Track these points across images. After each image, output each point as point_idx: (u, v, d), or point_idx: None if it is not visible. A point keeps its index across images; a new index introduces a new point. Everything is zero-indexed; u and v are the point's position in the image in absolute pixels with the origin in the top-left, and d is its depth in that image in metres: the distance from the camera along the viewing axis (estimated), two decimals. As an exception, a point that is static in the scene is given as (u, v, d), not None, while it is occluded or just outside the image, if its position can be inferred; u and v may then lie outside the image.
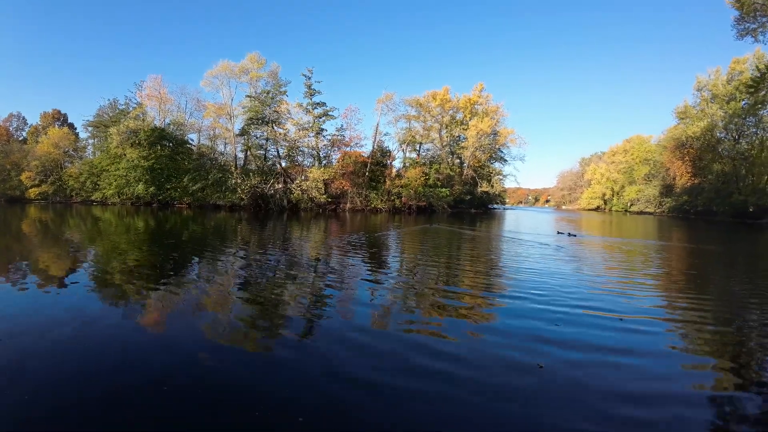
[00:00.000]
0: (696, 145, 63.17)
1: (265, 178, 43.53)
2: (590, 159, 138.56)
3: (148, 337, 5.04)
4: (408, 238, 19.43)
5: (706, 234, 28.30)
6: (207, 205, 46.26)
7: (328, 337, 5.05)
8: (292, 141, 46.39)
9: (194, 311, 6.13)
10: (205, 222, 26.35)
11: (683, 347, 5.14)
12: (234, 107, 51.56)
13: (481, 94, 67.89)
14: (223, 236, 18.09)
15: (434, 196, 53.07)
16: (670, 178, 75.79)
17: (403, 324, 5.67)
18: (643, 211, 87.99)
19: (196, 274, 9.09)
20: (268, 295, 7.14)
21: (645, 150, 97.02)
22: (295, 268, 9.82)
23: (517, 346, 4.86)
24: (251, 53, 51.13)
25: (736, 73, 57.26)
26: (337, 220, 32.17)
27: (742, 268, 12.83)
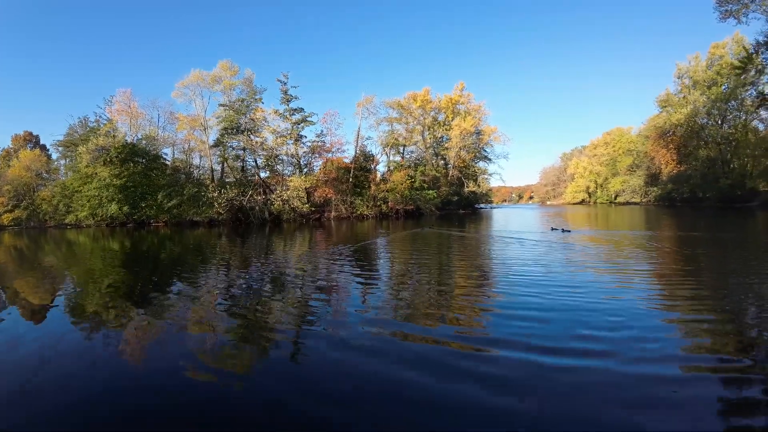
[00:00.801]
0: (680, 133, 63.18)
1: (243, 190, 41.28)
2: (572, 153, 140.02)
3: (129, 364, 4.89)
4: (398, 245, 18.18)
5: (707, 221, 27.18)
6: (184, 222, 43.86)
7: (316, 356, 4.83)
8: (270, 149, 44.17)
9: (176, 335, 5.87)
10: (183, 240, 25.33)
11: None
12: (208, 118, 49.84)
13: (463, 93, 67.04)
14: (202, 254, 17.28)
15: (421, 199, 51.46)
16: (655, 167, 75.91)
17: (394, 341, 5.21)
18: (629, 201, 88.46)
19: (176, 295, 8.61)
20: (253, 315, 6.77)
21: (627, 141, 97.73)
22: (279, 285, 9.26)
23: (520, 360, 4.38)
24: (222, 61, 49.36)
25: (716, 58, 57.27)
26: (321, 230, 30.49)
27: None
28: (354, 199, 46.31)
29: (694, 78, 60.57)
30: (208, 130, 50.40)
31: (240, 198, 40.13)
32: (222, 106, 47.54)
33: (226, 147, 48.01)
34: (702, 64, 59.84)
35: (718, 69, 56.32)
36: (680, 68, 62.87)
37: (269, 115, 44.06)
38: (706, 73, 58.73)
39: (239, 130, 43.77)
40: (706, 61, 59.19)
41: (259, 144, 43.38)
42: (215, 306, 7.48)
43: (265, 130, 42.74)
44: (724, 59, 55.53)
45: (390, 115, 58.80)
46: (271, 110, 44.26)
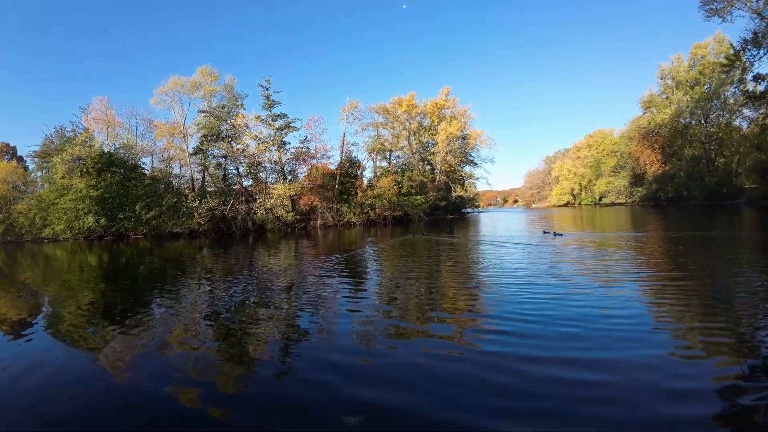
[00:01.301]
0: (664, 133, 63.83)
1: (224, 200, 39.69)
2: (555, 156, 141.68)
3: (109, 383, 4.73)
4: (387, 254, 17.28)
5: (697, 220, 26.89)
6: (164, 234, 42.00)
7: (304, 374, 4.64)
8: (252, 157, 42.67)
9: (158, 352, 5.69)
10: (162, 253, 24.52)
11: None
12: (188, 126, 48.09)
13: (448, 98, 66.55)
14: (182, 267, 16.61)
15: (409, 205, 50.45)
16: (640, 167, 76.59)
17: (384, 357, 5.04)
18: (614, 202, 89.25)
19: (157, 312, 8.35)
20: (238, 330, 6.54)
21: (611, 143, 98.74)
22: (264, 300, 8.82)
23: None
24: (202, 66, 47.92)
25: (698, 58, 58.03)
26: (307, 239, 29.35)
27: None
28: (340, 207, 44.99)
29: (676, 78, 61.26)
30: (187, 138, 48.81)
31: (221, 207, 38.50)
32: (201, 113, 46.01)
33: (206, 155, 46.46)
34: (684, 65, 60.59)
35: (701, 69, 57.08)
36: (663, 69, 63.59)
37: (251, 122, 42.59)
38: (688, 73, 59.48)
39: (220, 137, 42.21)
40: (689, 62, 59.96)
41: (240, 151, 41.84)
42: (198, 322, 7.17)
43: (246, 137, 41.13)
44: (706, 59, 56.31)
45: (375, 120, 57.88)
46: (252, 116, 42.76)
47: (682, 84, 60.67)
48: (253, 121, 42.65)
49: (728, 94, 54.81)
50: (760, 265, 9.73)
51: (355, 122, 53.05)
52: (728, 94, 54.81)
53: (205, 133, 44.04)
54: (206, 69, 47.70)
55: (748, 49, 32.38)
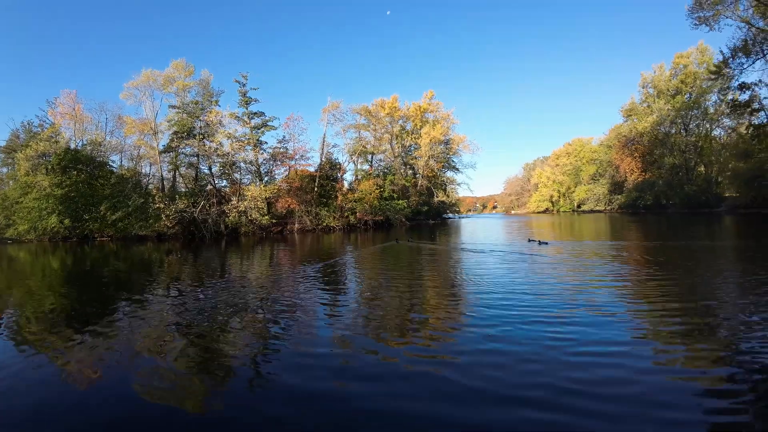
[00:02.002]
0: (645, 141, 64.31)
1: (195, 201, 37.21)
2: (534, 164, 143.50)
3: (73, 394, 4.59)
4: (369, 263, 16.19)
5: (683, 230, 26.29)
6: (131, 237, 39.32)
7: (277, 386, 4.55)
8: (226, 156, 40.20)
9: (124, 362, 5.48)
10: (129, 256, 23.37)
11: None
12: (160, 122, 45.27)
13: (431, 102, 65.57)
14: (148, 273, 15.97)
15: (391, 210, 48.81)
16: (620, 175, 77.18)
17: (361, 374, 4.77)
18: (593, 209, 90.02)
19: (122, 319, 8.01)
20: (207, 341, 6.25)
21: (590, 150, 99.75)
22: (234, 309, 8.38)
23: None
24: (176, 60, 45.18)
25: (681, 67, 58.51)
26: (283, 244, 27.71)
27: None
28: (319, 210, 42.86)
29: (658, 87, 61.73)
30: (158, 135, 46.21)
31: (191, 209, 36.02)
32: (173, 108, 43.44)
33: (177, 153, 43.83)
34: (666, 74, 61.10)
35: (683, 78, 57.56)
36: (645, 78, 64.08)
37: (225, 119, 40.06)
38: (670, 83, 59.98)
39: (191, 135, 39.70)
40: (670, 71, 60.50)
41: (213, 150, 39.35)
42: (165, 331, 6.96)
43: (219, 134, 38.63)
44: (688, 68, 56.87)
45: (358, 121, 56.20)
46: (227, 113, 40.24)
47: (663, 93, 61.18)
48: (227, 118, 40.20)
49: (709, 103, 55.54)
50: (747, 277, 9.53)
51: (337, 123, 51.29)
52: (709, 104, 55.53)
53: (176, 130, 41.47)
54: (180, 63, 44.95)
55: (737, 57, 32.19)
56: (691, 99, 56.37)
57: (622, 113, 70.48)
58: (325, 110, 48.09)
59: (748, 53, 31.52)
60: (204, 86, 44.56)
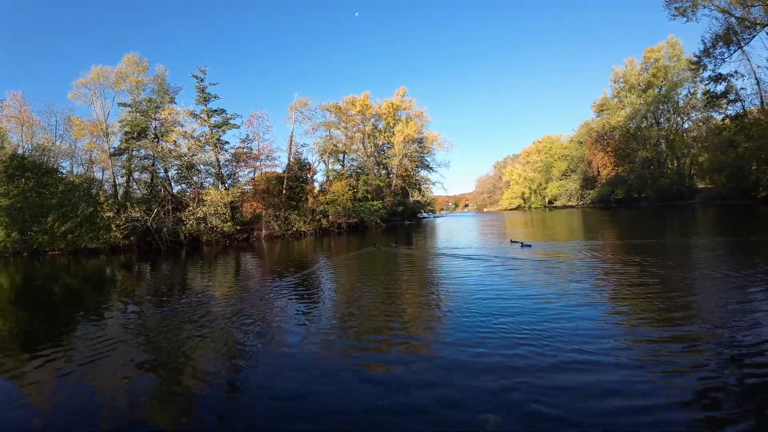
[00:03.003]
0: (617, 135, 64.61)
1: (149, 208, 33.64)
2: (505, 162, 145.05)
3: (28, 423, 4.37)
4: (345, 272, 14.93)
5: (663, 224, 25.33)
6: (83, 250, 35.72)
7: (244, 412, 4.31)
8: (183, 157, 36.64)
9: (82, 384, 5.30)
10: (79, 272, 22.18)
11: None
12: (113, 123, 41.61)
13: (404, 99, 63.48)
14: (100, 289, 15.22)
15: (366, 211, 46.29)
16: (592, 170, 77.60)
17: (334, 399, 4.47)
18: (565, 205, 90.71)
19: (78, 340, 7.60)
20: (170, 362, 6.00)
21: (562, 147, 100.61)
22: (196, 328, 7.73)
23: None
24: (129, 54, 41.55)
25: (651, 61, 58.70)
26: (250, 253, 25.98)
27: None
28: (288, 214, 39.80)
29: (629, 82, 61.94)
30: (110, 138, 42.48)
31: (144, 218, 32.45)
32: (124, 107, 39.73)
33: (131, 156, 40.10)
34: (637, 68, 61.35)
35: (654, 72, 57.78)
36: (617, 72, 64.20)
37: (181, 115, 36.48)
38: (641, 77, 60.23)
39: (145, 135, 36.01)
40: (641, 65, 60.77)
41: (167, 151, 35.72)
42: (123, 352, 6.60)
43: (174, 133, 34.98)
44: (659, 62, 57.15)
45: (328, 119, 53.41)
46: (181, 109, 36.67)
47: (634, 87, 61.45)
48: (183, 115, 36.65)
49: (680, 97, 56.10)
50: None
51: (305, 122, 48.39)
52: (679, 98, 56.08)
53: (128, 131, 37.77)
54: (133, 57, 41.44)
55: (718, 46, 31.58)
56: (663, 92, 56.70)
57: (594, 108, 70.80)
58: (293, 107, 45.17)
59: (729, 42, 31.00)
60: (159, 83, 41.27)
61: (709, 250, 13.81)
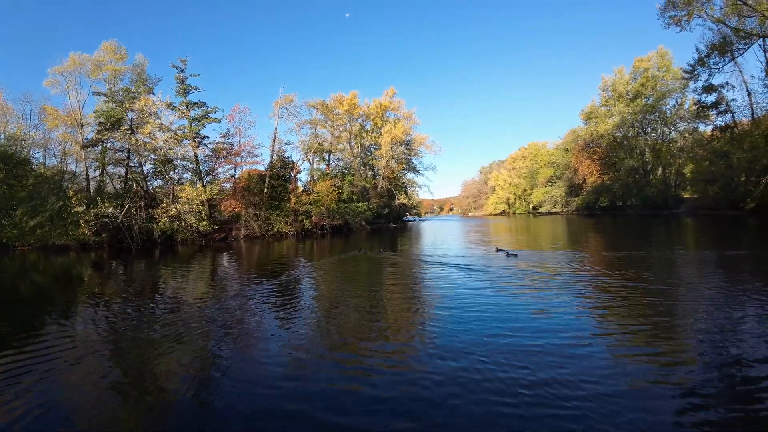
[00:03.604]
0: (604, 143, 64.79)
1: (120, 204, 31.73)
2: (490, 167, 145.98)
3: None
4: (328, 279, 13.90)
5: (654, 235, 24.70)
6: (52, 247, 33.78)
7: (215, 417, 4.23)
8: (158, 151, 34.68)
9: (51, 390, 5.11)
10: (48, 269, 21.22)
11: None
12: (89, 114, 39.68)
13: (393, 100, 62.37)
14: (69, 289, 14.55)
15: (350, 213, 45.03)
16: (578, 177, 77.83)
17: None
18: (550, 211, 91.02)
19: (44, 341, 7.28)
20: (142, 369, 5.74)
21: (548, 154, 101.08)
22: (169, 332, 7.42)
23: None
24: (107, 42, 39.66)
25: (641, 70, 58.88)
26: (227, 255, 24.48)
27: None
28: (270, 214, 38.19)
29: (618, 90, 62.12)
30: (84, 129, 40.52)
31: (115, 214, 30.56)
32: (99, 96, 37.79)
33: (105, 149, 38.14)
34: (626, 77, 61.55)
35: (643, 81, 58.01)
36: (606, 81, 64.32)
37: (159, 106, 34.47)
38: (629, 86, 60.46)
39: (118, 126, 34.03)
40: (630, 74, 60.98)
41: (142, 144, 33.76)
42: (92, 356, 6.35)
43: (149, 125, 33.08)
44: (648, 72, 57.41)
45: (314, 116, 52.01)
46: (158, 99, 34.65)
47: (623, 96, 61.68)
48: (160, 106, 34.66)
49: (667, 107, 56.50)
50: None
51: (290, 119, 47.02)
52: (667, 108, 56.49)
53: (102, 121, 35.82)
54: (112, 45, 39.61)
55: (713, 55, 31.38)
56: (651, 103, 57.01)
57: (582, 116, 70.92)
58: (277, 104, 43.72)
59: (723, 52, 30.84)
60: (138, 72, 39.44)
61: (706, 263, 13.12)
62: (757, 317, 6.80)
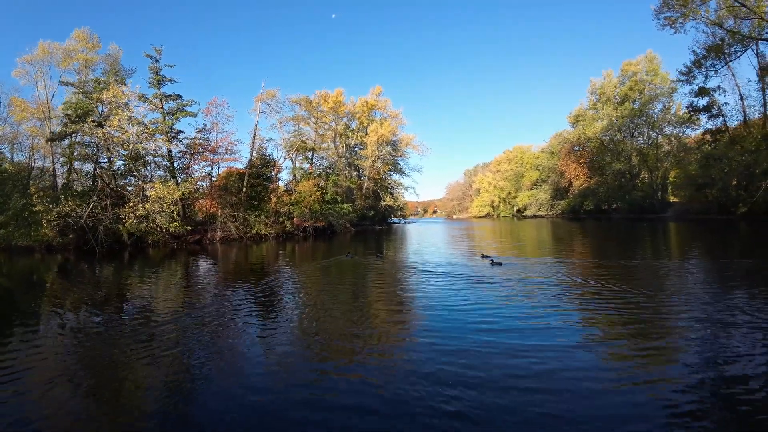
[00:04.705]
0: (591, 147, 64.63)
1: (86, 202, 29.31)
2: (475, 170, 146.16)
3: None
4: (311, 285, 12.88)
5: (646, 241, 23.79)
6: (16, 247, 31.72)
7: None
8: (127, 145, 32.07)
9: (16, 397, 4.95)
10: (12, 272, 20.49)
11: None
12: (58, 107, 37.52)
13: (379, 98, 60.95)
14: (30, 293, 13.70)
15: (334, 214, 43.33)
16: (565, 180, 77.63)
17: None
18: (535, 214, 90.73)
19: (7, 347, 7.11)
20: (104, 392, 5.21)
21: (533, 157, 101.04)
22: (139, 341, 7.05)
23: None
24: (79, 29, 37.64)
25: (629, 74, 58.74)
26: (202, 259, 22.87)
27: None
28: (248, 215, 36.10)
29: (606, 94, 61.96)
30: (52, 122, 38.36)
31: (78, 213, 28.20)
32: (67, 86, 35.43)
33: (74, 143, 35.70)
34: (614, 81, 61.42)
35: (631, 85, 57.92)
36: (594, 84, 64.12)
37: (129, 95, 31.95)
38: (618, 89, 60.35)
39: (85, 119, 31.53)
40: (618, 78, 60.85)
41: (110, 138, 31.28)
42: (58, 365, 6.04)
43: (117, 117, 30.62)
44: (636, 76, 57.36)
45: (297, 113, 50.14)
46: (128, 89, 32.13)
47: (610, 100, 61.57)
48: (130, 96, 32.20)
49: (655, 112, 56.54)
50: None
51: (272, 115, 45.08)
52: (655, 112, 56.53)
53: (69, 113, 33.42)
54: (84, 33, 37.62)
55: (711, 58, 30.82)
56: (638, 107, 56.99)
57: (569, 119, 70.71)
58: (259, 98, 41.80)
59: (720, 54, 30.32)
60: (111, 63, 37.47)
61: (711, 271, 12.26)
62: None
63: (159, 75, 34.37)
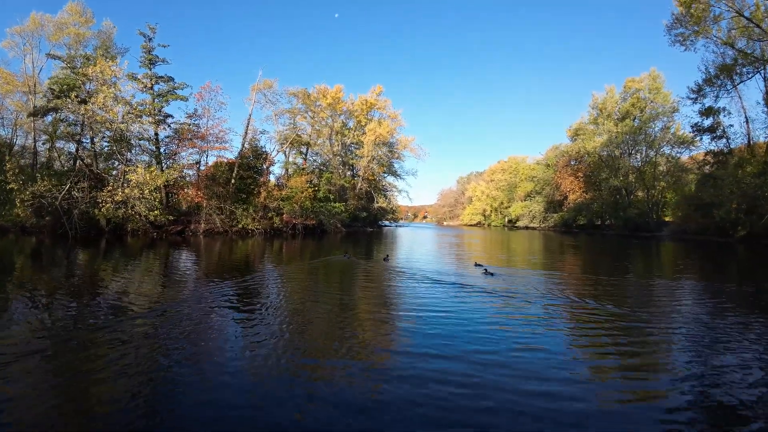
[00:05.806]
0: (589, 161, 64.19)
1: (61, 183, 27.56)
2: (468, 178, 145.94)
3: None
4: (299, 286, 11.84)
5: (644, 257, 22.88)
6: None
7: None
8: (111, 124, 30.27)
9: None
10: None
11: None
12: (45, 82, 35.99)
13: (379, 98, 59.82)
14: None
15: (326, 213, 41.96)
16: (560, 193, 77.12)
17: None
18: (527, 226, 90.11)
19: None
20: (73, 395, 4.59)
21: (529, 168, 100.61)
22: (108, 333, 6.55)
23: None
24: (72, 3, 36.06)
25: (632, 90, 58.39)
26: (184, 251, 21.44)
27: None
28: (235, 208, 34.59)
29: (608, 109, 61.63)
30: (36, 97, 36.59)
31: (53, 194, 26.46)
32: (54, 59, 33.87)
33: (57, 120, 33.94)
34: (616, 97, 61.11)
35: (634, 102, 57.59)
36: (596, 98, 63.69)
37: (116, 75, 30.23)
38: (619, 106, 60.07)
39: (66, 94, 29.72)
40: (620, 94, 60.55)
41: (93, 116, 29.45)
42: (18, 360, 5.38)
43: (101, 93, 28.83)
44: (639, 93, 57.12)
45: (294, 106, 48.63)
46: (116, 66, 30.20)
47: (611, 115, 61.25)
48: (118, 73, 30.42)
49: (655, 130, 56.27)
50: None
51: (268, 106, 43.44)
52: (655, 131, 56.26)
53: (53, 89, 31.70)
54: (77, 6, 36.18)
55: (722, 77, 30.20)
56: (639, 124, 56.74)
57: (569, 133, 70.21)
58: (255, 88, 40.26)
59: (731, 74, 29.73)
60: (104, 40, 36.18)
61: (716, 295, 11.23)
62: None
63: (151, 54, 32.87)
